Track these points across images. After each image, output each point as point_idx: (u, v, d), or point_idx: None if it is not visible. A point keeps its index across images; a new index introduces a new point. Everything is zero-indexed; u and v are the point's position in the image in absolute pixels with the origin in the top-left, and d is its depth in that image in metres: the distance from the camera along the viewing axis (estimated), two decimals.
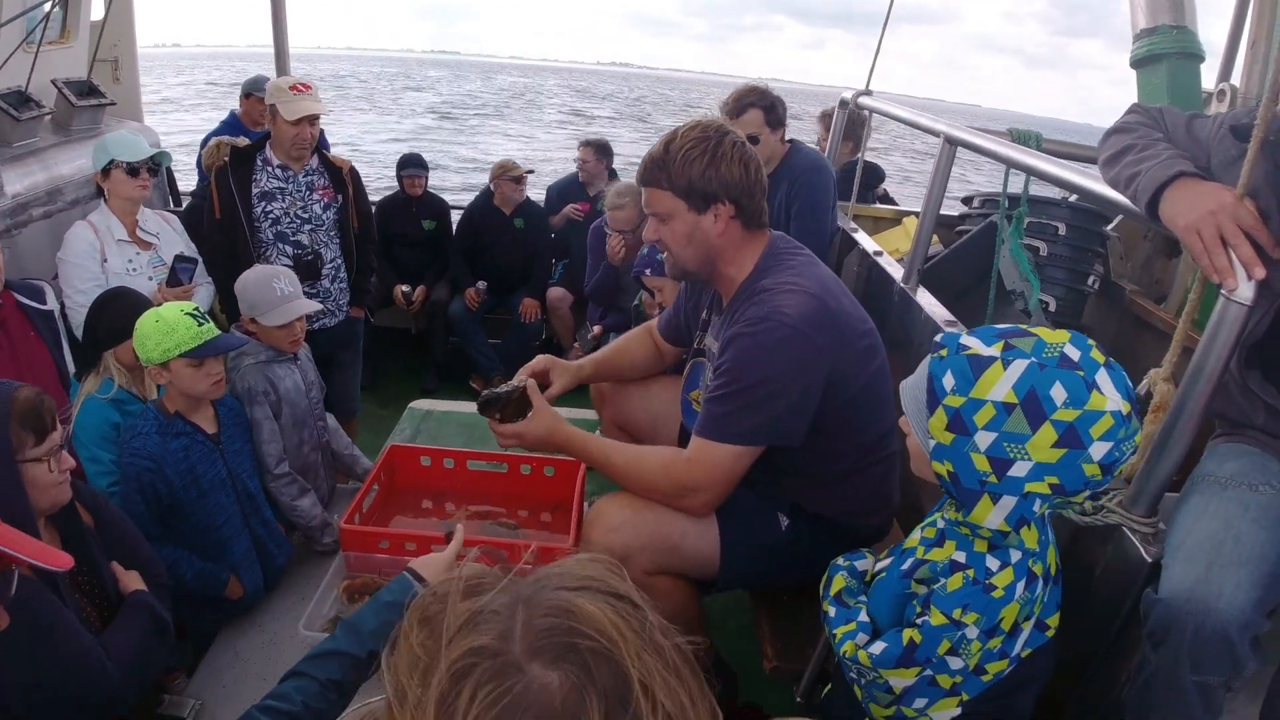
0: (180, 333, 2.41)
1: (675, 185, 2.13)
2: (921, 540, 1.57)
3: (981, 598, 1.43)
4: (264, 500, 2.76)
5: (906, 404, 1.50)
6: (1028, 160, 2.46)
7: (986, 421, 1.34)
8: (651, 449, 2.26)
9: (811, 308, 2.04)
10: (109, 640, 1.91)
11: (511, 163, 5.61)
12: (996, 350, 1.36)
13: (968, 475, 1.38)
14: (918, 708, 1.55)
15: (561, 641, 0.74)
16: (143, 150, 3.55)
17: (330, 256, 3.89)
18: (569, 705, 0.71)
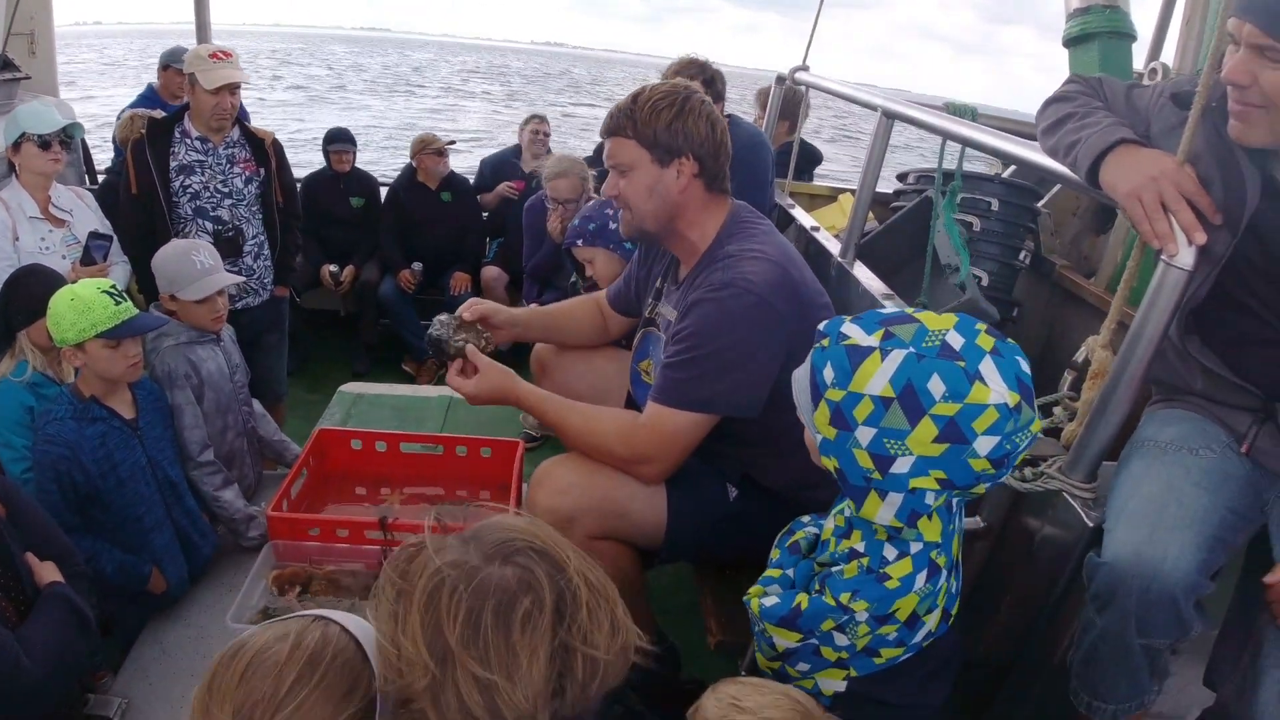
0: (97, 312, 2.29)
1: (641, 135, 2.09)
2: (834, 531, 1.53)
3: (875, 587, 1.38)
4: (186, 489, 2.65)
5: (796, 394, 1.43)
6: (965, 132, 2.46)
7: (865, 416, 1.28)
8: (609, 412, 2.21)
9: (776, 276, 2.01)
10: (25, 634, 1.82)
11: (431, 136, 5.51)
12: (875, 339, 1.30)
13: (852, 472, 1.32)
14: (800, 670, 1.51)
15: (507, 548, 1.02)
16: (54, 122, 3.39)
17: (252, 232, 3.75)
18: (522, 583, 0.99)
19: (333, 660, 1.06)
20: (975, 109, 3.24)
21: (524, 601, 0.97)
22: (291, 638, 1.07)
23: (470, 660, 0.95)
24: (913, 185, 4.09)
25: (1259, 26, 1.38)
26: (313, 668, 1.04)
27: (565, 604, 0.99)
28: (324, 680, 1.04)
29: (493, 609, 0.96)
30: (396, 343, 5.53)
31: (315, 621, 1.11)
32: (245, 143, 3.74)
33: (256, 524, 2.79)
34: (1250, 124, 1.49)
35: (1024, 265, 3.72)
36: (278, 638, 1.07)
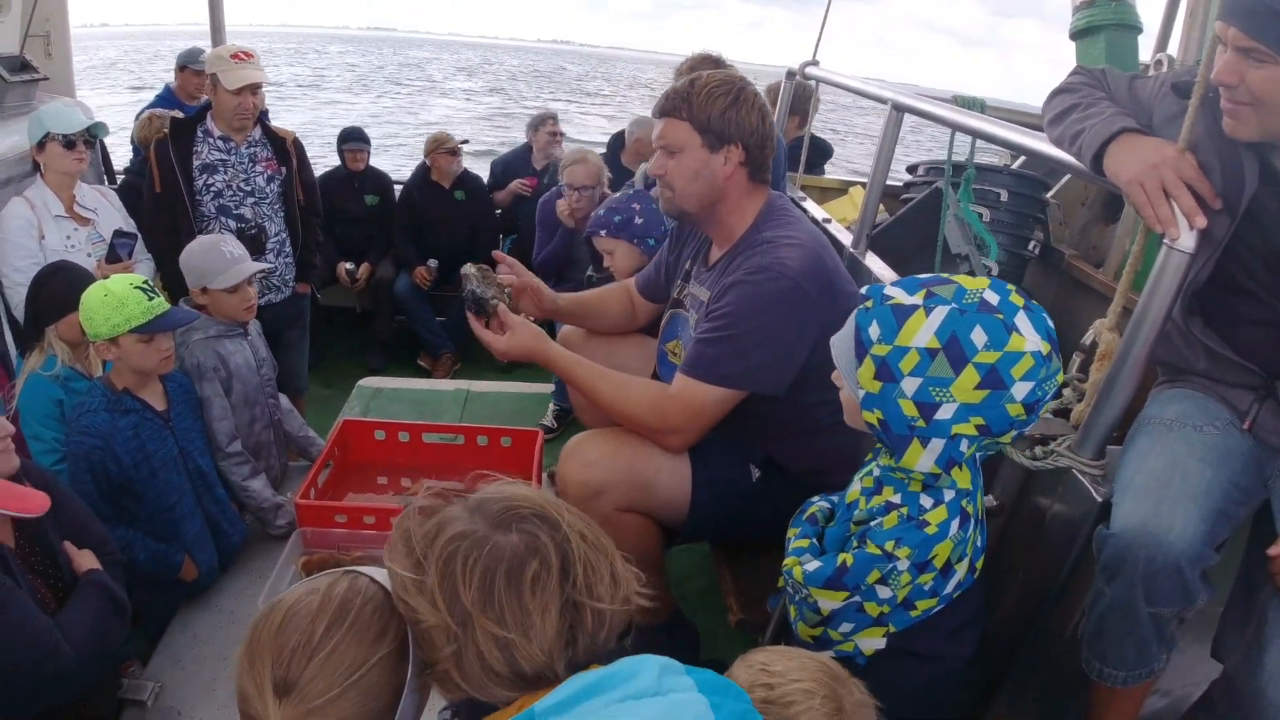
0: (130, 307, 2.36)
1: (695, 118, 2.16)
2: (862, 491, 1.62)
3: (915, 533, 1.49)
4: (216, 479, 2.72)
5: (837, 357, 1.54)
6: (974, 124, 2.50)
7: (912, 368, 1.39)
8: (639, 382, 2.25)
9: (810, 263, 2.09)
10: (64, 620, 1.89)
11: (445, 135, 5.54)
12: (919, 299, 1.41)
13: (897, 421, 1.43)
14: (843, 632, 1.60)
15: (511, 516, 1.10)
16: (78, 122, 3.44)
17: (274, 230, 3.82)
18: (531, 545, 1.07)
19: (362, 606, 1.12)
20: (984, 101, 3.28)
21: (532, 564, 1.05)
22: (322, 590, 1.14)
23: (488, 621, 1.03)
24: (922, 177, 4.13)
25: (1241, 30, 1.45)
26: (343, 614, 1.10)
27: (570, 563, 1.07)
28: (355, 625, 1.10)
29: (504, 573, 1.04)
30: (411, 339, 5.59)
31: (344, 575, 1.17)
32: (267, 142, 3.80)
33: (284, 513, 2.86)
34: (1241, 121, 1.55)
35: (1033, 255, 3.76)
36: (309, 591, 1.14)
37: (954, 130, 2.85)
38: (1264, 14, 1.41)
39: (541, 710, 0.98)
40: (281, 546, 2.67)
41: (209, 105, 3.72)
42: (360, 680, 1.08)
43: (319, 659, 1.06)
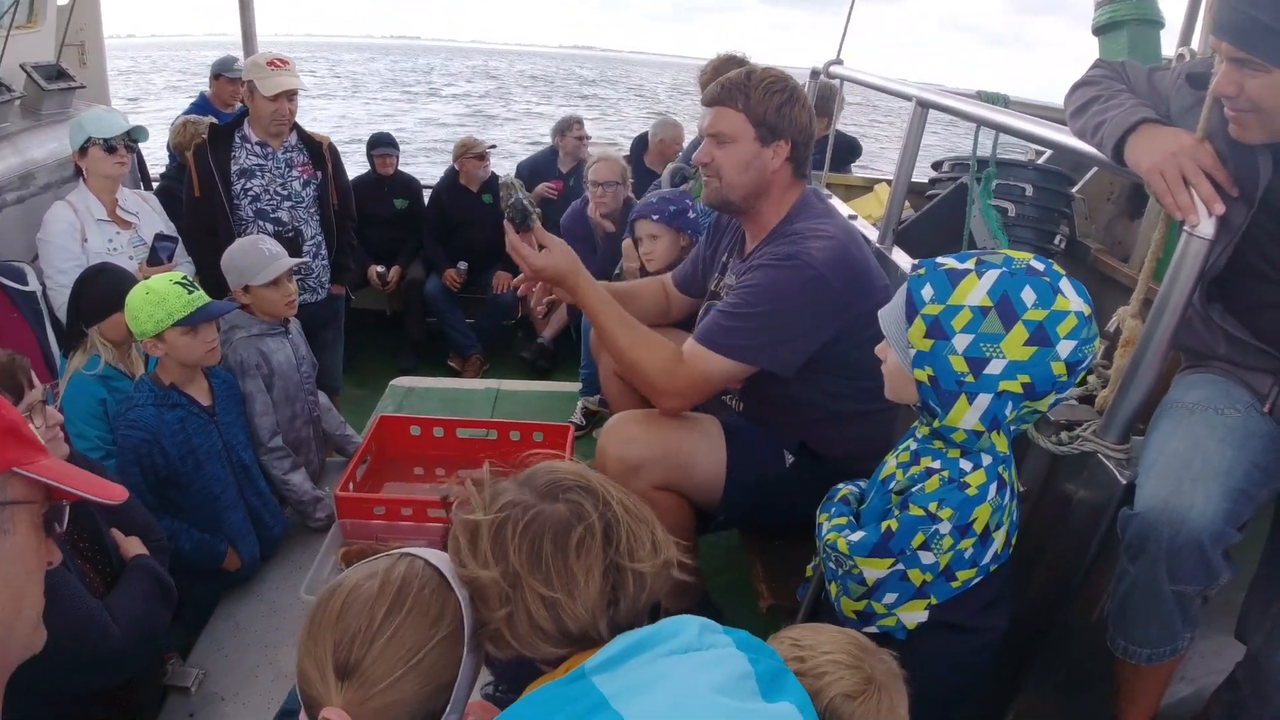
0: (172, 302, 2.44)
1: (750, 110, 2.20)
2: (898, 465, 1.68)
3: (956, 494, 1.54)
4: (258, 472, 2.80)
5: (886, 325, 1.61)
6: (998, 118, 2.52)
7: (964, 325, 1.45)
8: (656, 340, 2.25)
9: (837, 255, 2.14)
10: (113, 603, 1.94)
11: (473, 140, 5.64)
12: (970, 264, 1.48)
13: (946, 377, 1.48)
14: (887, 603, 1.64)
15: (557, 487, 1.17)
16: (118, 126, 3.53)
17: (311, 233, 3.90)
18: (575, 513, 1.14)
19: (420, 590, 1.15)
20: (1007, 97, 3.30)
21: (577, 529, 1.12)
22: (380, 574, 1.16)
23: (536, 582, 1.11)
24: (947, 173, 4.15)
25: (1233, 44, 1.51)
26: (401, 598, 1.13)
27: (612, 529, 1.14)
28: (414, 609, 1.13)
29: (551, 538, 1.12)
30: (441, 339, 5.67)
31: (401, 558, 1.21)
32: (303, 147, 3.89)
33: (323, 506, 2.94)
34: (1246, 127, 1.60)
35: (1059, 249, 3.77)
36: (368, 575, 1.16)
37: (978, 125, 2.89)
38: (1253, 28, 1.48)
39: (591, 667, 1.03)
40: (321, 538, 2.75)
41: (246, 112, 3.81)
42: (420, 662, 1.11)
43: (380, 643, 1.09)
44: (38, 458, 0.99)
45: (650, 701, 0.98)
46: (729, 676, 1.03)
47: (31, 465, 0.98)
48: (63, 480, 1.01)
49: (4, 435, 0.97)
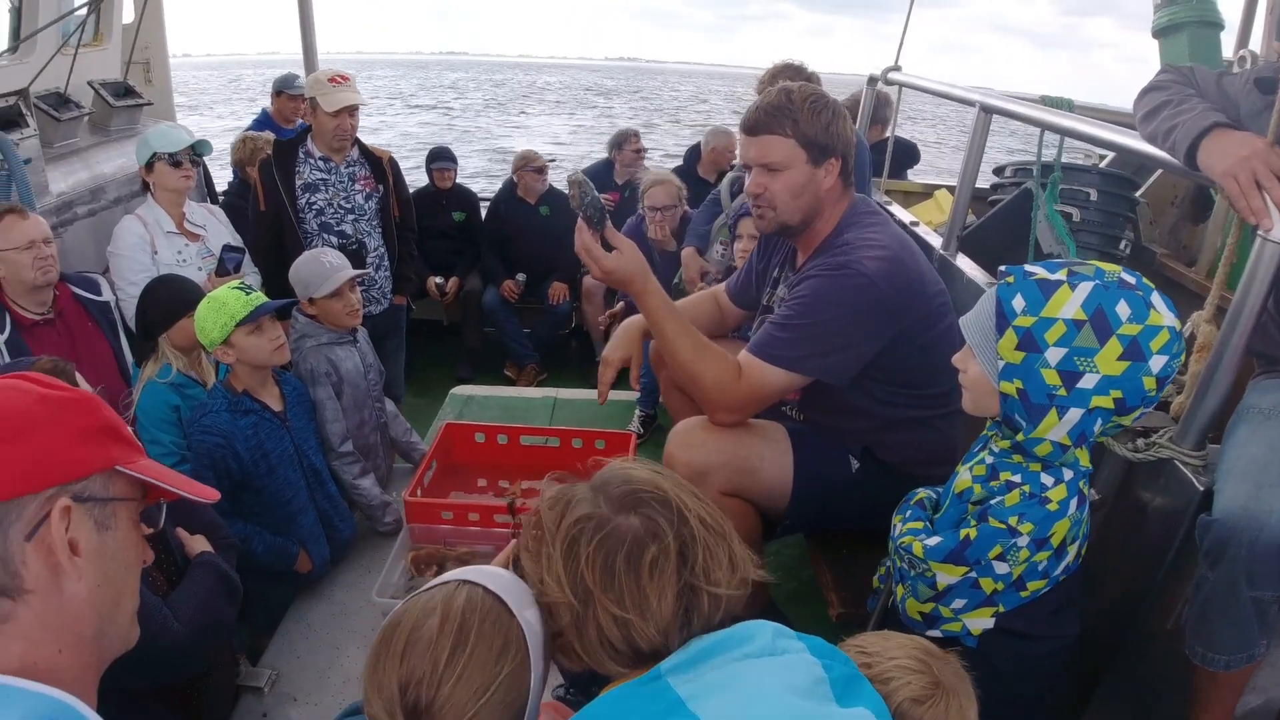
0: (232, 305, 2.50)
1: (801, 134, 2.16)
2: (974, 479, 1.66)
3: (1038, 509, 1.54)
4: (328, 476, 2.85)
5: (971, 334, 1.59)
6: (1064, 122, 2.51)
7: (1057, 338, 1.44)
8: (718, 352, 2.23)
9: (889, 265, 2.13)
10: (175, 599, 1.96)
11: (533, 154, 5.70)
12: (1062, 275, 1.47)
13: (1037, 390, 1.47)
14: (955, 608, 1.64)
15: (632, 499, 1.13)
16: (182, 141, 3.61)
17: (373, 245, 3.97)
18: (650, 530, 1.10)
19: (481, 624, 1.12)
20: (1071, 101, 3.28)
21: (651, 549, 1.08)
22: (439, 609, 1.13)
23: (607, 601, 1.08)
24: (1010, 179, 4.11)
25: None
26: (464, 636, 1.11)
27: (688, 548, 1.10)
28: (478, 645, 1.11)
29: (624, 556, 1.08)
30: (497, 349, 5.73)
31: (459, 587, 1.18)
32: (365, 161, 3.97)
33: (391, 510, 2.99)
34: None
35: (1125, 254, 3.72)
36: (426, 612, 1.14)
37: (1043, 130, 2.87)
38: None
39: (668, 669, 1.04)
40: (389, 542, 2.78)
41: (308, 128, 3.89)
42: (491, 698, 1.09)
43: (448, 687, 1.08)
44: (137, 457, 1.03)
45: (726, 703, 0.98)
46: (804, 681, 1.03)
47: (133, 464, 1.01)
48: (162, 479, 1.05)
49: (107, 434, 1.00)
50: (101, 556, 0.98)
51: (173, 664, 1.92)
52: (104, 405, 1.03)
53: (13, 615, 0.92)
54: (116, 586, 1.02)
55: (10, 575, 0.91)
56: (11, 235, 2.97)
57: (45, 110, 4.17)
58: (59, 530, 0.93)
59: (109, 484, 0.99)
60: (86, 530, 0.97)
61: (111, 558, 1.00)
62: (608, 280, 2.20)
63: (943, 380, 2.29)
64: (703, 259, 4.11)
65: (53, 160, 4.14)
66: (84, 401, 1.01)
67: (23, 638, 0.92)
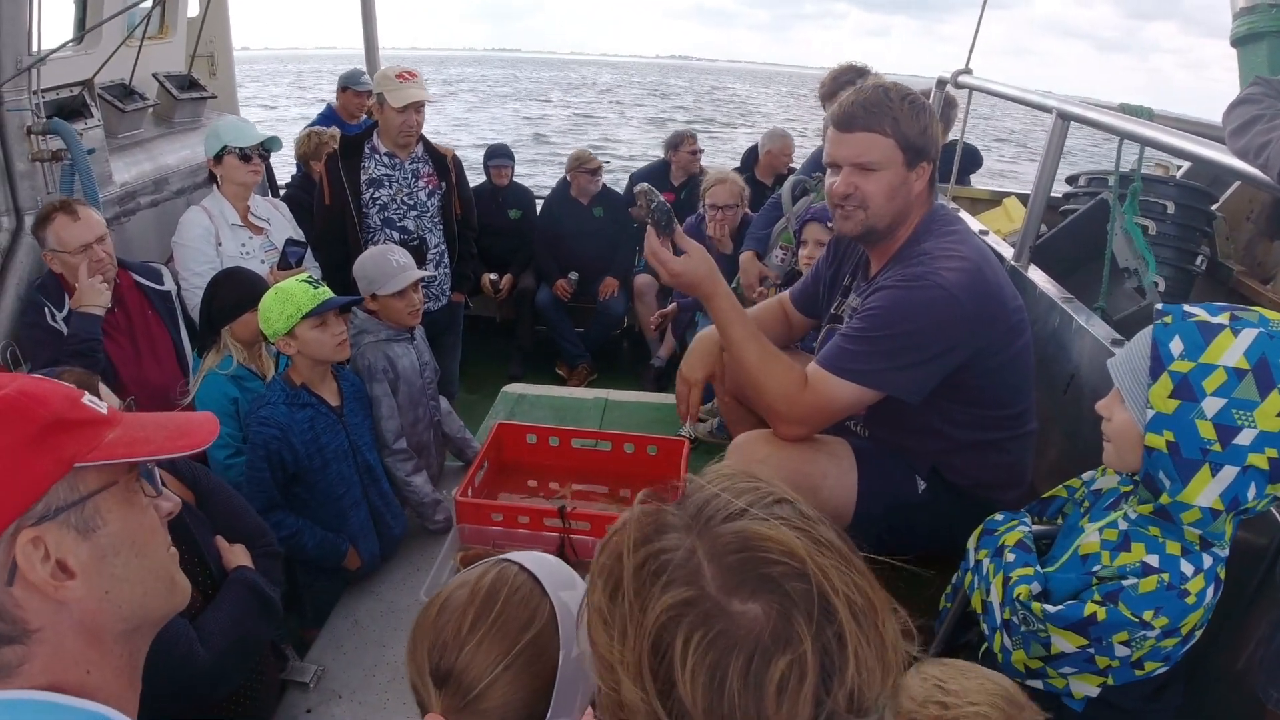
0: (299, 298, 2.51)
1: (901, 134, 2.06)
2: (1103, 544, 1.54)
3: (1176, 604, 1.42)
4: (382, 473, 2.85)
5: (1121, 377, 1.48)
6: (1147, 132, 2.42)
7: (1216, 387, 1.34)
8: (785, 362, 2.17)
9: (969, 277, 2.03)
10: (205, 621, 1.88)
11: (587, 154, 5.67)
12: (1224, 319, 1.36)
13: (1189, 444, 1.37)
14: (1062, 672, 1.55)
15: (754, 574, 0.76)
16: (254, 136, 3.63)
17: (434, 242, 4.00)
18: (779, 632, 0.73)
19: (510, 595, 1.15)
20: (1151, 110, 3.17)
21: (779, 661, 0.73)
22: (472, 582, 1.18)
23: None
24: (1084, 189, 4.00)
25: None
26: (489, 605, 1.14)
27: (832, 659, 0.74)
28: (501, 614, 1.14)
29: (740, 669, 0.73)
30: (550, 347, 5.73)
31: (495, 564, 1.21)
32: (428, 158, 3.99)
33: (442, 509, 2.98)
34: None
35: (1200, 270, 3.59)
36: (461, 584, 1.19)
37: (1121, 140, 2.77)
38: None
39: None
40: (439, 541, 2.78)
41: (375, 124, 3.91)
42: (511, 665, 1.11)
43: (469, 649, 1.11)
44: (97, 440, 0.93)
45: None
46: None
47: (94, 453, 0.92)
48: (133, 451, 0.95)
49: (53, 430, 0.90)
50: (101, 559, 0.92)
51: (197, 693, 1.84)
52: (44, 395, 0.92)
53: (29, 657, 0.87)
54: (134, 576, 0.95)
55: (11, 623, 0.86)
56: (64, 237, 3.00)
57: (110, 101, 4.23)
58: (35, 565, 0.86)
59: (76, 485, 0.90)
60: (70, 544, 0.89)
61: (115, 553, 0.93)
62: (676, 284, 2.16)
63: (1017, 401, 2.22)
64: (761, 264, 4.06)
65: (116, 151, 4.19)
66: (15, 406, 0.89)
67: (44, 674, 0.87)
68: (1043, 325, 2.68)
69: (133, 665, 0.99)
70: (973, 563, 1.78)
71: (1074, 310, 2.61)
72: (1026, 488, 2.37)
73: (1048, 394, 2.58)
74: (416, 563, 2.88)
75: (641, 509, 0.85)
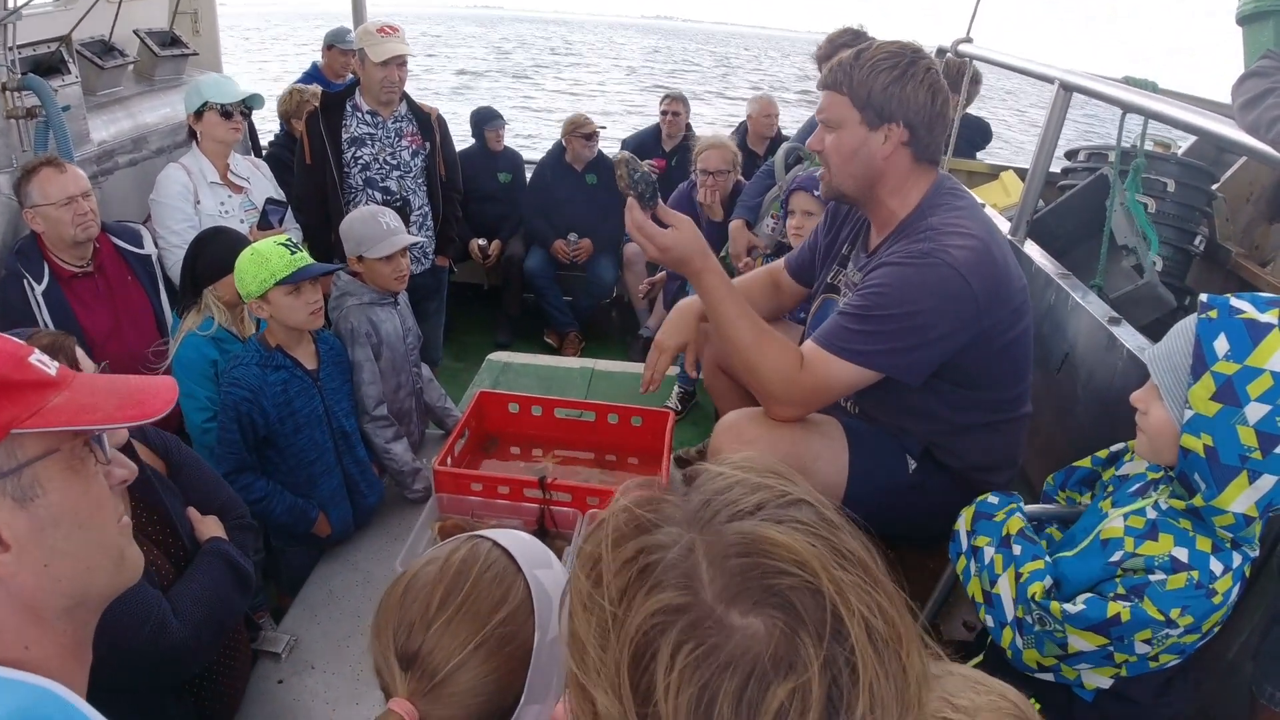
0: (275, 262, 2.43)
1: (855, 93, 2.01)
2: (1127, 530, 1.49)
3: (1203, 603, 1.38)
4: (359, 440, 2.78)
5: (1160, 372, 1.42)
6: (1152, 105, 2.35)
7: (1262, 392, 1.28)
8: (780, 341, 2.09)
9: (978, 256, 1.95)
10: (177, 593, 1.84)
11: (583, 118, 5.52)
12: (1273, 317, 1.30)
13: (1228, 450, 1.31)
14: (1077, 668, 1.52)
15: (758, 584, 0.66)
16: (236, 93, 3.56)
17: (418, 204, 3.92)
18: (781, 654, 0.63)
19: (481, 573, 1.08)
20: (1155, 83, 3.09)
21: (779, 688, 0.62)
22: (442, 559, 1.11)
23: None
24: (1083, 164, 3.93)
25: None
26: (460, 582, 1.07)
27: (841, 691, 0.63)
28: (472, 593, 1.06)
29: (733, 693, 0.63)
30: (539, 315, 5.66)
31: (467, 540, 1.14)
32: (412, 117, 3.90)
33: (421, 477, 2.92)
34: None
35: (1199, 251, 3.53)
36: (430, 560, 1.12)
37: (1124, 113, 2.70)
38: None
39: None
40: (417, 510, 2.72)
41: (357, 81, 3.82)
42: (481, 647, 1.04)
43: (436, 629, 1.04)
44: (39, 404, 0.87)
45: None
46: None
47: (34, 418, 0.86)
48: (78, 419, 0.88)
49: None
50: (39, 531, 0.86)
51: (172, 666, 1.80)
52: None
53: None
54: (76, 548, 0.90)
55: None
56: (49, 190, 2.93)
57: (89, 58, 4.12)
58: None
59: (13, 451, 0.85)
60: (4, 513, 0.84)
61: (55, 525, 0.87)
62: (664, 259, 2.06)
63: (1016, 384, 2.16)
64: (751, 233, 3.99)
65: (95, 109, 4.09)
66: None
67: None
68: (1038, 302, 2.62)
69: (78, 641, 0.94)
70: (965, 546, 1.72)
71: (1070, 287, 2.56)
72: (1015, 473, 2.33)
73: (1041, 372, 2.53)
74: (394, 532, 2.83)
75: (638, 495, 0.75)
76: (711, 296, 2.07)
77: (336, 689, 2.27)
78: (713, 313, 2.10)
